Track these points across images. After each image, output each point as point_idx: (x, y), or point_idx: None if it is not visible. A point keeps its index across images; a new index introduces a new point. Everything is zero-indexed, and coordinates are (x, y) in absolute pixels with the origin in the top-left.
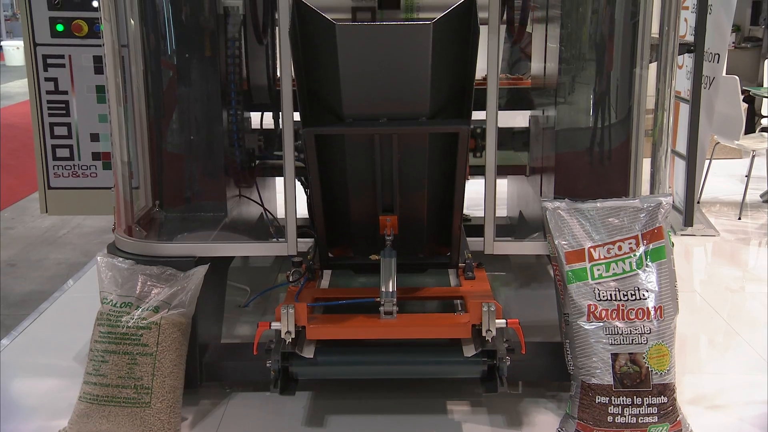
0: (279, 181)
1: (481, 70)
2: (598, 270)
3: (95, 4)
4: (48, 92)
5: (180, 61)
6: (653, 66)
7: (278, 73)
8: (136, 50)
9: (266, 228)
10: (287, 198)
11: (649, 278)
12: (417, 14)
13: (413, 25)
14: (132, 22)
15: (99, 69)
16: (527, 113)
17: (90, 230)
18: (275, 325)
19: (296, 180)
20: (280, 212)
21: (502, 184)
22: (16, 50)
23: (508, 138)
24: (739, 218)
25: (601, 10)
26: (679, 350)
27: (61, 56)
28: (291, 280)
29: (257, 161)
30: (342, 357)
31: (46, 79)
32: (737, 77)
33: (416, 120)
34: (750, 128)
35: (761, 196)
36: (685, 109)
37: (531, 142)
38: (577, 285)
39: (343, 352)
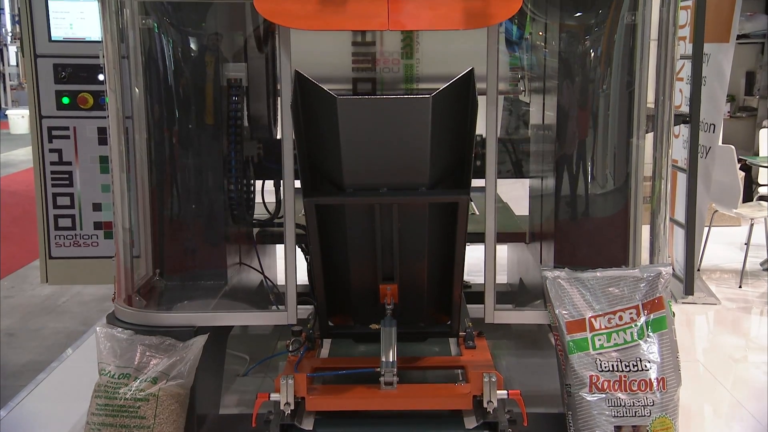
0: (279, 248)
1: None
2: (600, 340)
3: (101, 77)
4: (52, 163)
5: (182, 131)
6: (651, 135)
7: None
8: (140, 120)
9: (266, 295)
10: (287, 267)
11: (650, 349)
12: (417, 85)
13: (412, 98)
14: (137, 90)
15: (103, 140)
16: (526, 181)
17: (90, 298)
18: (274, 396)
19: (296, 247)
20: (281, 278)
21: (502, 250)
22: (21, 119)
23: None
24: (740, 286)
25: (597, 80)
26: (683, 422)
27: (66, 128)
28: (291, 349)
29: (258, 228)
30: (342, 429)
31: (51, 150)
32: (733, 147)
33: (416, 190)
34: (748, 196)
35: (761, 264)
36: (682, 178)
37: (530, 209)
38: (579, 355)
39: (344, 424)
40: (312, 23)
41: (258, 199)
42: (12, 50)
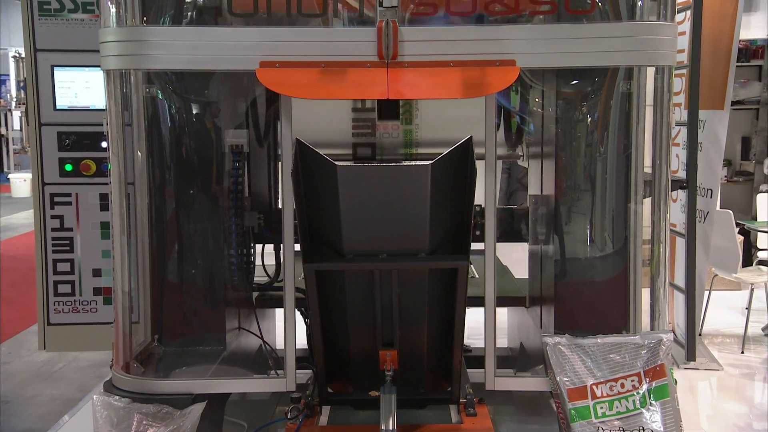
0: (279, 312)
1: (479, 200)
2: (602, 408)
3: (104, 144)
4: (53, 229)
5: (183, 196)
6: (649, 200)
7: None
8: (141, 185)
9: (265, 360)
10: (287, 335)
11: (653, 417)
12: (416, 149)
13: (412, 166)
14: (139, 155)
15: (104, 206)
16: (526, 245)
17: (86, 364)
18: None
19: (296, 310)
20: (280, 343)
21: (502, 313)
22: (23, 182)
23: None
24: (742, 352)
25: (594, 145)
26: None
27: (68, 194)
28: (289, 416)
29: (257, 292)
30: None
31: (52, 217)
32: (731, 211)
33: (416, 256)
34: (747, 261)
35: (763, 329)
36: (681, 243)
37: (530, 273)
38: (581, 423)
39: None
40: (313, 92)
41: (258, 261)
42: (16, 115)
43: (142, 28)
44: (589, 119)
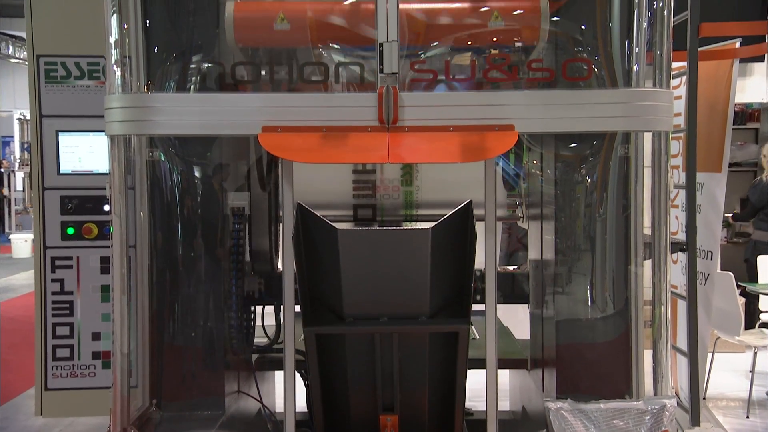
0: (279, 374)
1: (479, 262)
2: None
3: (106, 207)
4: (53, 293)
5: (184, 259)
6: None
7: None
8: (142, 247)
9: (265, 424)
10: (286, 399)
11: None
12: (416, 210)
13: (412, 230)
14: (141, 216)
15: (105, 269)
16: (526, 306)
17: (84, 428)
18: None
19: (296, 373)
20: (279, 405)
21: (504, 375)
22: (23, 243)
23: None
24: (747, 416)
25: (593, 207)
26: None
27: (70, 258)
28: None
29: (257, 355)
30: None
31: (53, 280)
32: (732, 273)
33: (416, 319)
34: (750, 323)
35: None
36: (683, 306)
37: (531, 335)
38: None
39: None
40: (314, 156)
41: (257, 322)
42: (19, 176)
43: (146, 95)
44: (588, 181)
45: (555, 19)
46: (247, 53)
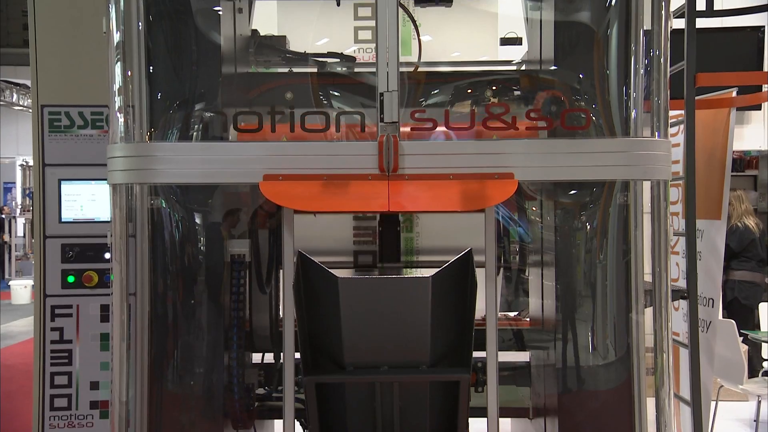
0: (279, 423)
1: (480, 309)
2: None
3: (107, 255)
4: (53, 341)
5: (184, 306)
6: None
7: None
8: (143, 294)
9: None
10: None
11: None
12: (416, 257)
13: (412, 279)
14: (142, 263)
15: (105, 317)
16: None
17: None
18: None
19: (296, 421)
20: None
21: (506, 424)
22: (23, 289)
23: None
24: None
25: (593, 253)
26: None
27: (70, 306)
28: None
29: (257, 403)
30: None
31: (52, 329)
32: (734, 321)
33: (417, 368)
34: (753, 371)
35: None
36: (685, 354)
37: (533, 383)
38: None
39: None
40: (315, 205)
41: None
42: (20, 222)
43: (148, 144)
44: (588, 228)
45: (553, 68)
46: (248, 102)
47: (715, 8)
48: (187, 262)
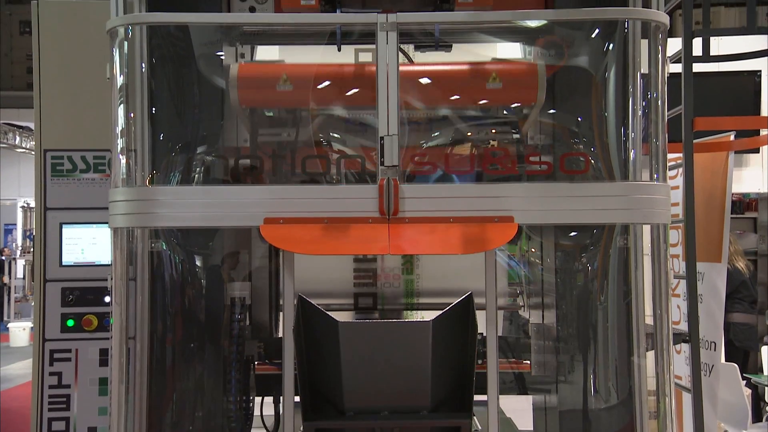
0: None
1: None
2: None
3: (107, 299)
4: (51, 386)
5: (184, 349)
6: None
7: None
8: (142, 337)
9: None
10: None
11: None
12: (417, 299)
13: (413, 323)
14: (142, 306)
15: (104, 361)
16: (529, 397)
17: None
18: None
19: None
20: None
21: None
22: (22, 331)
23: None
24: None
25: (594, 296)
26: None
27: (68, 350)
28: None
29: None
30: None
31: (51, 374)
32: (736, 365)
33: (418, 412)
34: (757, 415)
35: None
36: (688, 398)
37: (534, 427)
38: None
39: None
40: (316, 248)
41: (256, 412)
42: (20, 263)
43: (149, 188)
44: (589, 270)
45: (552, 111)
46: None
47: (711, 53)
48: (188, 304)
